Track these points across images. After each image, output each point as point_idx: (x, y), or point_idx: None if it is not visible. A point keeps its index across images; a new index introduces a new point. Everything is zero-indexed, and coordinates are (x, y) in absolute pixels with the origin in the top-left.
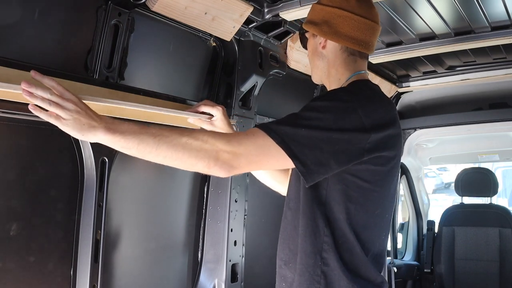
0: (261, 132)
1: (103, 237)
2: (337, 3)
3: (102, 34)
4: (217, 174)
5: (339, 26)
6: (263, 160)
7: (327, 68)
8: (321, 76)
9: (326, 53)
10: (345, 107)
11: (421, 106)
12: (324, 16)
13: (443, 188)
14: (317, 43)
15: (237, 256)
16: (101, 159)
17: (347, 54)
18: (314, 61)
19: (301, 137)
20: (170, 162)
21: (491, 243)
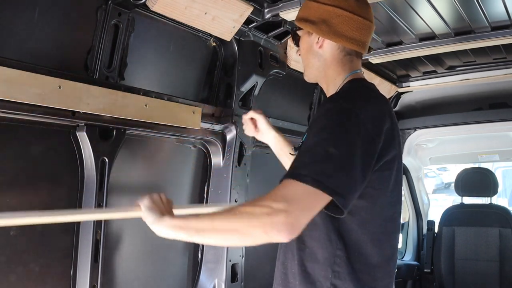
0: (293, 181)
1: (103, 237)
2: (336, 2)
3: (102, 34)
4: (278, 238)
5: (338, 26)
6: (311, 205)
7: (324, 67)
8: (317, 76)
9: (322, 53)
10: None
11: (421, 106)
12: (322, 14)
13: (443, 188)
14: (313, 41)
15: (237, 256)
16: (101, 159)
17: (344, 53)
18: (309, 59)
19: (330, 169)
20: (230, 241)
21: (491, 243)
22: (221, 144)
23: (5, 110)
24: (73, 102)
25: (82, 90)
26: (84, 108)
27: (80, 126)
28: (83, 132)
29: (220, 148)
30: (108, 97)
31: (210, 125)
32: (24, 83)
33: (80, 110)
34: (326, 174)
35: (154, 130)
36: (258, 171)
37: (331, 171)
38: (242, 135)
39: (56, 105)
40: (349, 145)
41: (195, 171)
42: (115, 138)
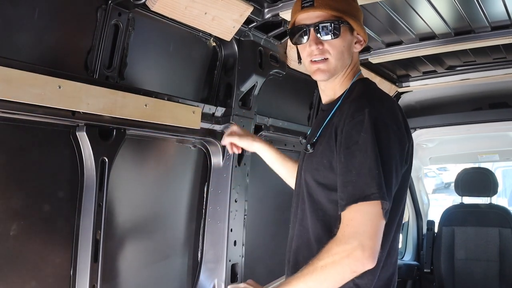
0: (356, 206)
1: (103, 237)
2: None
3: (102, 34)
4: (367, 268)
5: (362, 25)
6: (377, 223)
7: (348, 67)
8: (338, 75)
9: (355, 53)
10: (385, 133)
11: (421, 106)
12: (358, 12)
13: (443, 188)
14: (352, 40)
15: (237, 256)
16: (101, 159)
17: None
18: (344, 58)
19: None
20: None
21: (491, 243)
22: (221, 144)
23: (5, 110)
24: (73, 102)
25: (82, 90)
26: (84, 108)
27: (80, 126)
28: (83, 132)
29: (220, 148)
30: (108, 97)
31: (210, 125)
32: (24, 83)
33: (80, 110)
34: (378, 187)
35: (154, 130)
36: (258, 171)
37: (381, 184)
38: None
39: (56, 105)
40: (388, 156)
41: (195, 171)
42: (115, 138)
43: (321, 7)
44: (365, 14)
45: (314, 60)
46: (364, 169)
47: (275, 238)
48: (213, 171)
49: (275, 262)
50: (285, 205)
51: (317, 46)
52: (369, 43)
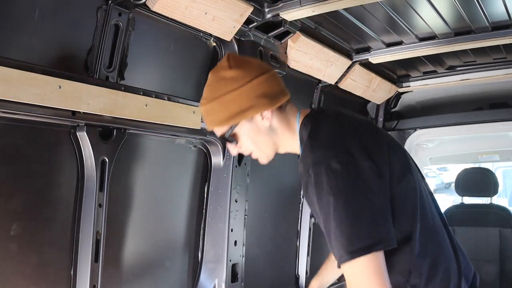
0: (349, 264)
1: (103, 237)
2: (252, 74)
3: (102, 34)
4: None
5: (267, 91)
6: (377, 271)
7: (277, 135)
8: (276, 148)
9: (270, 123)
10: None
11: (421, 106)
12: (248, 94)
13: (443, 188)
14: (256, 122)
15: (237, 256)
16: (102, 159)
17: (282, 109)
18: (262, 140)
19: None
20: None
21: (491, 243)
22: (221, 144)
23: (5, 110)
24: (73, 102)
25: (82, 90)
26: (84, 108)
27: (80, 126)
28: (83, 132)
29: (220, 148)
30: (108, 97)
31: None
32: (24, 83)
33: (80, 110)
34: (366, 237)
35: (154, 130)
36: (258, 171)
37: (367, 231)
38: None
39: (56, 105)
40: (364, 199)
41: (195, 171)
42: (115, 138)
43: (210, 127)
44: (365, 14)
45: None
46: (340, 226)
47: (276, 238)
48: (213, 171)
49: (275, 262)
50: (285, 205)
51: (237, 148)
52: (369, 43)
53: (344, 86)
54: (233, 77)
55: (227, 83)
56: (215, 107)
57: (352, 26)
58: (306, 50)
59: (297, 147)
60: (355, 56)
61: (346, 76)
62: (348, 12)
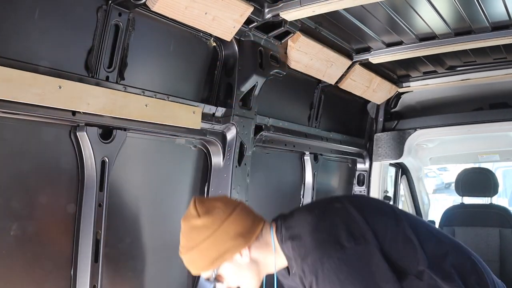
0: None
1: (103, 237)
2: (218, 222)
3: (102, 34)
4: None
5: (239, 231)
6: None
7: (259, 266)
8: (260, 278)
9: (250, 258)
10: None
11: (421, 106)
12: (222, 238)
13: (444, 188)
14: (236, 262)
15: None
16: (102, 159)
17: (258, 239)
18: (245, 276)
19: None
20: None
21: (491, 243)
22: (221, 144)
23: (5, 110)
24: (73, 102)
25: (82, 90)
26: (84, 108)
27: (80, 126)
28: (83, 132)
29: (220, 148)
30: (108, 97)
31: (210, 125)
32: (24, 83)
33: (80, 110)
34: None
35: (154, 130)
36: (258, 171)
37: None
38: (242, 135)
39: (56, 105)
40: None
41: (195, 171)
42: (115, 138)
43: (194, 273)
44: (365, 14)
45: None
46: None
47: None
48: (213, 171)
49: None
50: (285, 205)
51: (226, 286)
52: (369, 43)
53: (344, 86)
54: (204, 225)
55: (199, 232)
56: (194, 256)
57: (352, 26)
58: (306, 50)
59: (284, 260)
60: (355, 56)
61: (346, 76)
62: (348, 12)
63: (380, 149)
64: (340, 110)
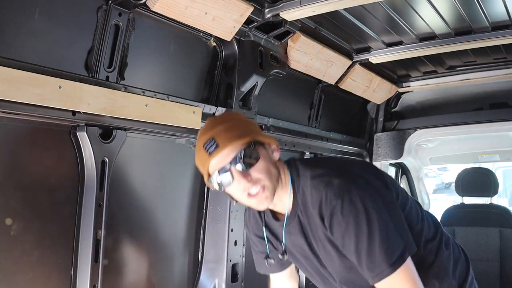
0: (391, 277)
1: (103, 237)
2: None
3: (102, 34)
4: None
5: (264, 135)
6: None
7: (282, 175)
8: (276, 186)
9: (278, 160)
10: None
11: (421, 106)
12: (256, 127)
13: (444, 188)
14: (269, 153)
15: (238, 256)
16: (102, 159)
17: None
18: (274, 174)
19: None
20: None
21: (491, 243)
22: None
23: (5, 110)
24: (73, 102)
25: (82, 90)
26: (85, 108)
27: (80, 126)
28: (83, 132)
29: None
30: (108, 97)
31: None
32: (24, 83)
33: (80, 110)
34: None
35: (154, 130)
36: None
37: (398, 240)
38: None
39: (56, 105)
40: (387, 213)
41: (195, 171)
42: (115, 138)
43: (227, 144)
44: (365, 14)
45: (251, 193)
46: (379, 243)
47: None
48: None
49: None
50: None
51: (246, 180)
52: (369, 43)
53: (344, 86)
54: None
55: (235, 117)
56: (234, 126)
57: (352, 26)
58: (306, 50)
59: (286, 199)
60: (355, 56)
61: (346, 76)
62: (348, 12)
63: (380, 149)
64: (340, 110)
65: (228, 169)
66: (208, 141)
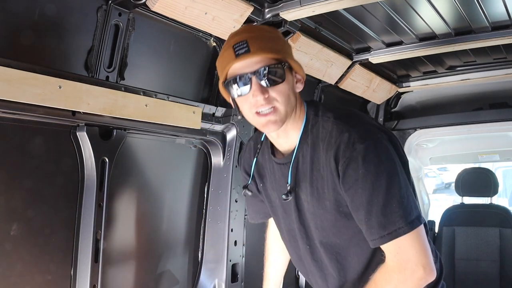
0: (407, 236)
1: (103, 237)
2: (286, 41)
3: (102, 34)
4: (429, 280)
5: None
6: (424, 241)
7: (297, 108)
8: (288, 120)
9: (298, 93)
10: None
11: (421, 106)
12: (291, 51)
13: (444, 188)
14: (294, 81)
15: (237, 256)
16: (101, 159)
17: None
18: (291, 102)
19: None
20: None
21: (491, 243)
22: (221, 144)
23: (5, 110)
24: (73, 102)
25: (82, 90)
26: (84, 108)
27: (80, 126)
28: (83, 132)
29: (220, 148)
30: (108, 97)
31: (210, 125)
32: (24, 83)
33: (80, 110)
34: (407, 214)
35: (154, 130)
36: None
37: (415, 202)
38: (242, 135)
39: (56, 105)
40: (404, 174)
41: (195, 171)
42: (115, 138)
43: (259, 52)
44: (365, 14)
45: (260, 111)
46: (393, 200)
47: None
48: (213, 171)
49: None
50: None
51: (263, 96)
52: (369, 43)
53: (344, 86)
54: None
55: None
56: (271, 38)
57: (352, 26)
58: (306, 50)
59: (294, 136)
60: (355, 56)
61: (346, 76)
62: (348, 12)
63: None
64: None
65: (249, 78)
66: (240, 42)
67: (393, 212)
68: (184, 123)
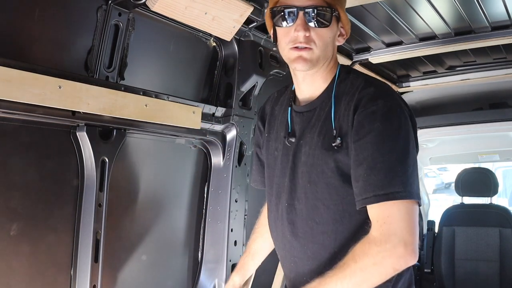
0: (390, 203)
1: (103, 237)
2: None
3: (102, 34)
4: (409, 262)
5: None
6: (414, 218)
7: (331, 61)
8: (318, 68)
9: (335, 47)
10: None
11: (421, 106)
12: (345, 5)
13: (444, 188)
14: (337, 33)
15: (237, 256)
16: (101, 159)
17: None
18: (327, 51)
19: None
20: None
21: (491, 243)
22: (221, 144)
23: (5, 110)
24: (73, 102)
25: (82, 90)
26: (84, 108)
27: (80, 126)
28: (83, 132)
29: (220, 148)
30: (108, 97)
31: (210, 125)
32: (24, 83)
33: (80, 110)
34: (409, 184)
35: (154, 130)
36: None
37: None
38: (242, 135)
39: (56, 105)
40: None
41: (195, 171)
42: (115, 138)
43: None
44: (365, 14)
45: (298, 46)
46: (399, 165)
47: None
48: (213, 171)
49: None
50: None
51: (304, 33)
52: (369, 43)
53: None
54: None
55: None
56: None
57: (352, 26)
58: None
59: (320, 86)
60: (355, 56)
61: None
62: (348, 12)
63: None
64: None
65: (297, 12)
66: None
67: (397, 176)
68: (184, 123)
